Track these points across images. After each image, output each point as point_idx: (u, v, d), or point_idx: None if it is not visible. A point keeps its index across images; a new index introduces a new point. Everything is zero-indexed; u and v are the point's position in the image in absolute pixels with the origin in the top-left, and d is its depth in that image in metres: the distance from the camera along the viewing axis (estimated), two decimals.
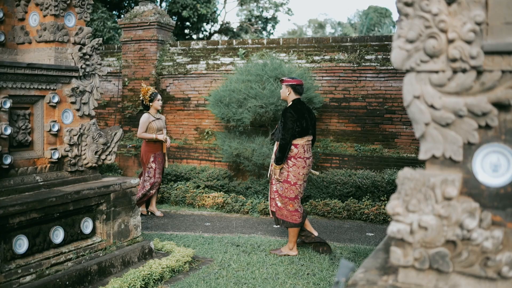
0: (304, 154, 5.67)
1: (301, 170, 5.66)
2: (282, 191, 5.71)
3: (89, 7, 5.16)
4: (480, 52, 1.58)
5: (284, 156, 5.58)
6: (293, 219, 5.70)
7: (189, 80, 10.80)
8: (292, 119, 5.54)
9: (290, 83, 5.78)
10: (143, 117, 7.70)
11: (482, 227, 1.59)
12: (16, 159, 4.43)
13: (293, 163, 5.64)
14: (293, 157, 5.64)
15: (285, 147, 5.55)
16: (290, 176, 5.65)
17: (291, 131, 5.54)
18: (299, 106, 5.70)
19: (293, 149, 5.63)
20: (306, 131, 5.68)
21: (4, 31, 4.89)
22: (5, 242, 4.01)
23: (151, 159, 7.68)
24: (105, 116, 12.03)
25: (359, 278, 1.75)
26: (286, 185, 5.67)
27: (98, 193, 4.86)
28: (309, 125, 5.71)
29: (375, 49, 9.26)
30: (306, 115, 5.68)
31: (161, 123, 7.79)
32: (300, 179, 5.68)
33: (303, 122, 5.62)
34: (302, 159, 5.65)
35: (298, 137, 5.63)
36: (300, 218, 5.72)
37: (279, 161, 5.60)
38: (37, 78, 4.56)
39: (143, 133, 7.66)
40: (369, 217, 7.58)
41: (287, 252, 5.77)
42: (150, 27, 11.02)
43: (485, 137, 1.61)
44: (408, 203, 1.63)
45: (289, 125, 5.54)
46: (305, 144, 5.68)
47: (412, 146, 8.93)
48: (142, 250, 5.23)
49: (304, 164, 5.66)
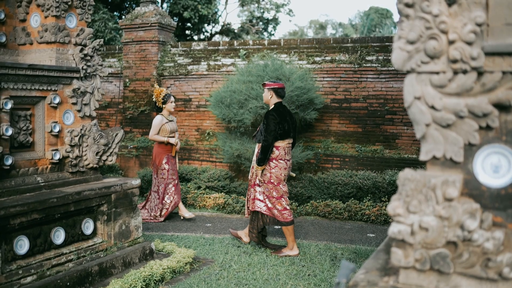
0: (285, 156, 5.80)
1: (283, 172, 5.78)
2: (268, 191, 5.81)
3: (90, 8, 5.17)
4: (481, 53, 1.58)
5: (266, 157, 5.70)
6: (283, 218, 5.78)
7: (190, 81, 10.81)
8: (274, 122, 5.66)
9: (272, 86, 5.89)
10: (156, 119, 7.61)
11: (483, 228, 1.58)
12: (17, 160, 4.43)
13: (275, 164, 5.76)
14: (274, 159, 5.76)
15: (267, 148, 5.67)
16: (273, 177, 5.77)
17: (273, 133, 5.66)
18: (281, 109, 5.81)
19: (274, 151, 5.76)
20: (288, 134, 5.80)
21: (6, 32, 4.89)
22: (6, 242, 4.01)
23: (164, 160, 7.57)
24: (106, 117, 12.04)
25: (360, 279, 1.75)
26: (270, 185, 5.79)
27: (99, 194, 4.86)
28: (291, 128, 5.83)
29: (376, 50, 9.26)
30: (288, 118, 5.80)
31: (173, 125, 7.71)
32: (282, 180, 5.80)
33: (285, 125, 5.74)
34: (284, 161, 5.78)
35: (280, 140, 5.75)
36: (290, 217, 5.80)
37: (261, 162, 5.72)
38: (38, 79, 4.57)
39: (155, 136, 7.57)
40: (370, 218, 7.58)
41: (287, 253, 5.79)
42: (151, 28, 11.02)
43: (486, 138, 1.61)
44: (409, 204, 1.63)
45: (272, 127, 5.65)
46: (286, 147, 5.81)
47: (413, 147, 8.93)
48: (143, 251, 5.23)
49: (285, 166, 5.80)
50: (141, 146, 10.92)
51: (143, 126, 11.19)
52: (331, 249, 6.02)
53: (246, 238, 6.16)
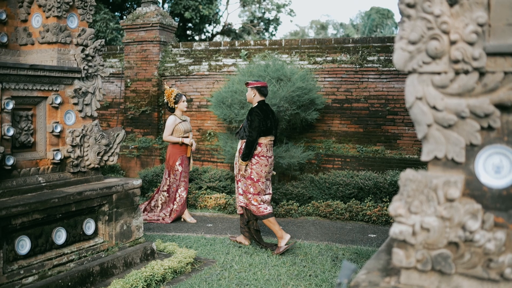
0: (267, 153, 6.00)
1: (263, 168, 5.97)
2: (245, 187, 6.01)
3: (92, 9, 5.17)
4: (483, 54, 1.58)
5: (250, 152, 5.90)
6: (259, 212, 5.95)
7: (192, 81, 10.81)
8: (259, 118, 5.88)
9: (255, 85, 6.09)
10: (169, 120, 7.55)
11: (485, 229, 1.58)
12: (18, 160, 4.44)
13: (257, 161, 5.95)
14: (256, 155, 5.96)
15: (252, 144, 5.88)
16: (253, 173, 5.95)
17: (257, 129, 5.87)
18: (264, 107, 6.03)
19: (257, 147, 5.96)
20: (270, 131, 6.01)
21: (7, 32, 4.90)
22: (8, 243, 4.01)
23: (178, 161, 7.52)
24: (108, 117, 12.05)
25: (361, 280, 1.75)
26: (249, 181, 5.97)
27: (101, 194, 4.86)
28: (273, 125, 6.05)
29: (377, 50, 9.26)
30: (270, 115, 6.02)
31: (187, 125, 7.64)
32: (262, 177, 5.98)
33: (268, 122, 5.96)
34: (265, 157, 5.98)
35: (263, 136, 5.96)
36: (266, 210, 5.95)
37: (245, 157, 5.90)
38: (40, 79, 4.57)
39: (169, 136, 7.51)
40: (371, 219, 7.58)
41: (283, 244, 5.83)
42: (153, 28, 11.03)
43: (488, 138, 1.61)
44: (411, 204, 1.63)
45: (256, 124, 5.87)
46: (268, 143, 6.02)
47: (415, 147, 8.93)
48: (144, 251, 5.24)
49: (266, 163, 5.99)
50: (142, 146, 10.93)
51: (144, 126, 11.20)
52: (332, 250, 6.02)
53: (246, 241, 6.20)
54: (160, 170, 9.56)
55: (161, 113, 11.19)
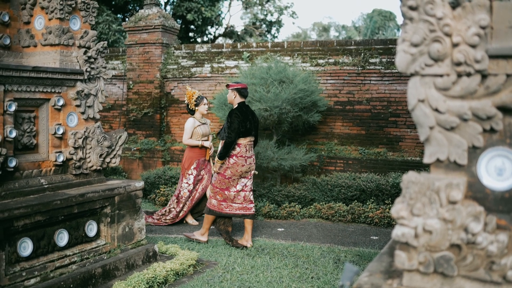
0: (246, 154, 6.20)
1: (240, 168, 6.16)
2: (215, 181, 6.28)
3: (94, 11, 5.18)
4: (485, 56, 1.58)
5: (227, 152, 6.12)
6: (220, 209, 6.23)
7: (194, 83, 10.82)
8: (238, 120, 6.05)
9: (235, 87, 6.27)
10: (188, 122, 7.41)
11: (487, 231, 1.58)
12: (21, 162, 4.44)
13: (234, 161, 6.15)
14: (235, 155, 6.15)
15: (230, 145, 6.08)
16: (228, 172, 6.17)
17: (236, 131, 6.04)
18: (244, 109, 6.21)
19: (236, 148, 6.16)
20: (249, 132, 6.19)
21: (10, 34, 4.91)
22: (10, 244, 4.02)
23: (193, 165, 7.42)
24: (110, 119, 12.06)
25: (363, 282, 1.74)
26: (221, 177, 6.22)
27: (103, 196, 4.87)
28: (252, 127, 6.23)
29: (380, 53, 9.26)
30: (250, 117, 6.20)
31: (206, 128, 7.52)
32: (236, 175, 6.18)
33: (247, 124, 6.13)
34: (243, 158, 6.17)
35: (242, 137, 6.15)
36: (227, 209, 6.22)
37: (222, 156, 6.14)
38: (42, 81, 4.58)
39: (188, 140, 7.39)
40: (373, 221, 7.57)
41: (198, 238, 6.37)
42: (155, 31, 11.05)
43: (490, 140, 1.61)
44: (413, 206, 1.63)
45: (235, 125, 6.03)
46: (247, 144, 6.21)
47: (417, 149, 8.92)
48: (146, 253, 5.24)
49: (244, 163, 6.17)
50: (144, 148, 10.94)
51: (146, 128, 11.21)
52: (335, 252, 6.01)
53: (247, 243, 6.24)
54: (162, 172, 9.56)
55: (163, 115, 11.21)
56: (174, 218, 7.48)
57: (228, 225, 6.37)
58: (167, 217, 7.49)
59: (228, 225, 6.38)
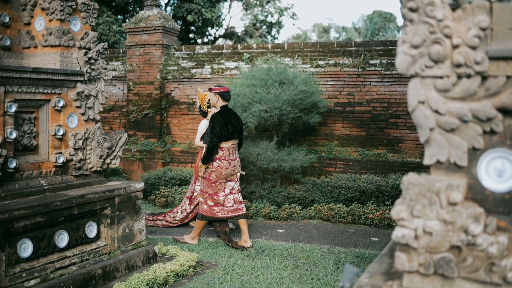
0: (229, 157, 6.24)
1: (224, 171, 6.19)
2: (203, 186, 6.34)
3: (95, 12, 5.19)
4: (485, 58, 1.58)
5: (210, 157, 6.16)
6: (212, 213, 6.25)
7: (194, 84, 10.83)
8: (220, 124, 6.08)
9: (218, 91, 6.32)
10: (201, 125, 7.37)
11: (487, 233, 1.58)
12: (21, 163, 4.45)
13: (218, 164, 6.20)
14: (218, 159, 6.20)
15: (212, 149, 6.12)
16: (212, 175, 6.22)
17: (218, 135, 6.08)
18: (227, 112, 6.25)
19: (218, 151, 6.20)
20: (232, 136, 6.24)
21: (10, 35, 4.91)
22: (10, 246, 4.02)
23: None
24: (110, 120, 12.07)
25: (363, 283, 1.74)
26: (207, 182, 6.27)
27: (103, 197, 4.87)
28: (235, 130, 6.27)
29: (380, 54, 9.26)
30: (232, 120, 6.24)
31: None
32: (222, 178, 6.21)
33: (230, 127, 6.17)
34: (227, 161, 6.21)
35: (225, 141, 6.19)
36: (219, 213, 6.24)
37: (205, 161, 6.19)
38: (43, 82, 4.58)
39: (200, 141, 7.28)
40: (373, 222, 7.57)
41: (188, 241, 6.40)
42: (155, 32, 11.05)
43: (490, 142, 1.61)
44: (413, 208, 1.63)
45: (217, 130, 6.08)
46: (230, 147, 6.26)
47: (417, 151, 8.92)
48: (146, 255, 5.24)
49: (227, 166, 6.21)
50: (144, 149, 10.94)
51: (146, 129, 11.21)
52: (335, 253, 6.01)
53: (246, 244, 6.24)
54: (162, 173, 9.56)
55: (164, 116, 11.21)
56: (183, 219, 7.46)
57: (224, 226, 6.42)
58: (176, 218, 7.47)
59: (225, 226, 6.42)
